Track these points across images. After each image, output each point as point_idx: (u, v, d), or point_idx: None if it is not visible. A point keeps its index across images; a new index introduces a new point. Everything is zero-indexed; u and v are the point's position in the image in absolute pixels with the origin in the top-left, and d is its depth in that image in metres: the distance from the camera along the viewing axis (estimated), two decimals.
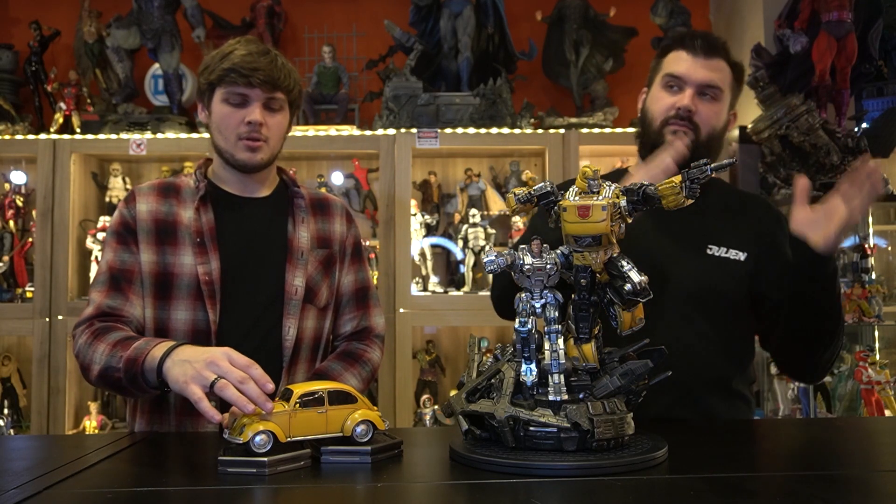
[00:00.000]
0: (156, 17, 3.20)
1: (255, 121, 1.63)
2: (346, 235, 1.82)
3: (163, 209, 1.67)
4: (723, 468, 1.09)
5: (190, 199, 1.69)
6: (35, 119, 3.43)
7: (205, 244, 1.64)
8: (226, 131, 1.66)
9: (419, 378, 3.26)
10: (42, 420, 3.01)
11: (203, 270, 1.62)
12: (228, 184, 1.73)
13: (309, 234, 1.73)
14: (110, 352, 1.47)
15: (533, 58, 3.46)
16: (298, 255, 1.70)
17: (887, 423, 2.03)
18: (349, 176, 3.40)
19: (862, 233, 3.15)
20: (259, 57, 1.63)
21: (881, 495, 0.99)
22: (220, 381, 1.22)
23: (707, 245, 1.61)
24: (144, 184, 1.74)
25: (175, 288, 1.62)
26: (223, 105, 1.65)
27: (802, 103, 2.91)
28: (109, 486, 1.05)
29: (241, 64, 1.61)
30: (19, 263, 3.20)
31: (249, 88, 1.62)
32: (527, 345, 1.11)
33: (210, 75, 1.65)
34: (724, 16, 3.63)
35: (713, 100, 1.62)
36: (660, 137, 1.62)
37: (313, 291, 1.71)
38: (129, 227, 1.66)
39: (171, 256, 1.64)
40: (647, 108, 1.69)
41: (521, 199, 1.19)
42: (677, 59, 1.63)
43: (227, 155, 1.68)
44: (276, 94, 1.65)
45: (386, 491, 1.00)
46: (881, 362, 2.80)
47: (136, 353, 1.42)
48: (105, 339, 1.51)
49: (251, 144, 1.64)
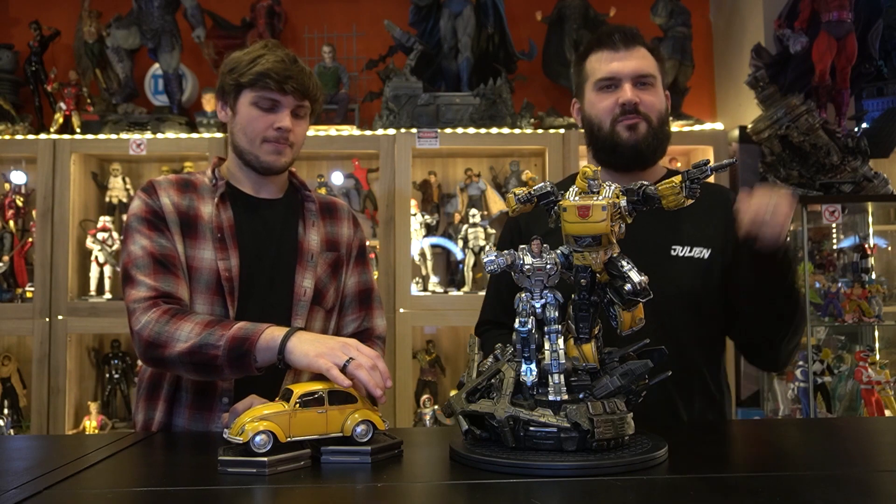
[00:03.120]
0: (156, 17, 3.20)
1: (286, 127, 1.66)
2: (353, 238, 1.85)
3: (184, 203, 1.68)
4: (723, 468, 1.09)
5: (208, 195, 1.70)
6: (35, 119, 3.44)
7: (225, 240, 1.66)
8: (251, 133, 1.67)
9: (419, 378, 3.26)
10: (42, 420, 3.01)
11: (223, 266, 1.64)
12: (243, 184, 1.75)
13: (319, 238, 1.76)
14: (203, 331, 1.47)
15: (533, 58, 3.46)
16: (308, 257, 1.73)
17: (887, 423, 2.03)
18: (349, 176, 3.40)
19: (862, 233, 3.16)
20: (291, 65, 1.66)
21: (881, 495, 0.99)
22: (354, 362, 1.28)
23: (671, 246, 1.61)
24: (160, 177, 1.73)
25: (195, 281, 1.63)
26: (252, 108, 1.66)
27: (802, 103, 2.91)
28: (109, 486, 1.05)
29: (274, 70, 1.63)
30: (19, 263, 3.20)
31: (282, 95, 1.65)
32: (527, 345, 1.11)
33: (241, 77, 1.66)
34: (724, 16, 3.63)
35: (650, 86, 1.64)
36: (614, 135, 1.62)
37: (321, 293, 1.74)
38: (158, 214, 1.65)
39: (191, 250, 1.64)
40: (588, 115, 1.68)
41: (521, 199, 1.19)
42: (601, 61, 1.64)
43: (251, 157, 1.70)
44: (304, 102, 1.69)
45: (386, 491, 1.00)
46: (881, 362, 2.80)
47: (244, 332, 1.44)
48: (190, 319, 1.51)
49: (278, 147, 1.67)
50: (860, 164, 2.94)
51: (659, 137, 1.61)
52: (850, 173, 2.93)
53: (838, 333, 3.04)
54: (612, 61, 1.62)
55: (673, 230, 1.62)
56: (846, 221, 3.15)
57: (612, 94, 1.62)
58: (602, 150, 1.66)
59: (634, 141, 1.61)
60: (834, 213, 2.83)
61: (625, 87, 1.61)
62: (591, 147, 1.70)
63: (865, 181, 2.93)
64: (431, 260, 3.23)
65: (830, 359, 2.88)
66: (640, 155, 1.61)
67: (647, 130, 1.61)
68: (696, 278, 1.58)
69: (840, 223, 3.04)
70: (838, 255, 3.07)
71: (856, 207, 3.06)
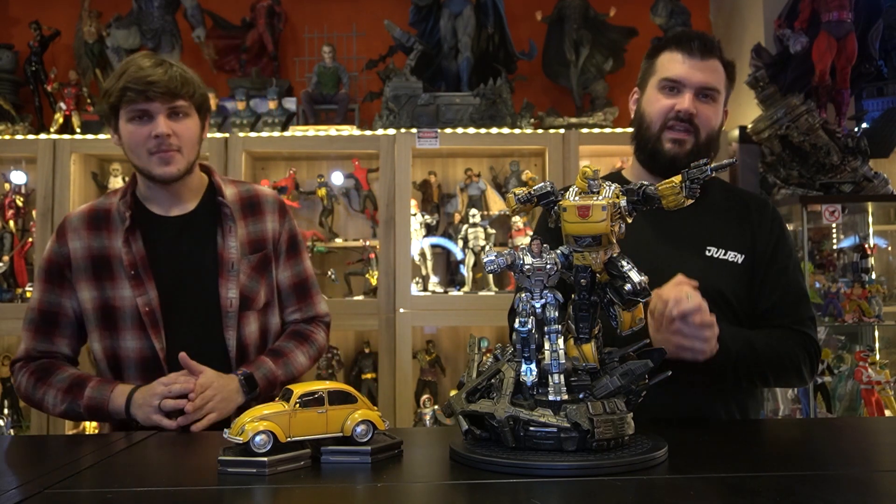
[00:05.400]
0: (156, 17, 3.20)
1: (161, 132, 1.62)
2: (280, 232, 1.82)
3: (95, 244, 1.69)
4: (723, 468, 1.09)
5: (120, 227, 1.69)
6: (35, 119, 3.44)
7: (140, 275, 1.66)
8: (137, 149, 1.66)
9: (419, 378, 3.26)
10: (42, 420, 3.01)
11: (142, 302, 1.65)
12: (154, 202, 1.74)
13: (238, 243, 1.74)
14: (64, 398, 1.64)
15: (533, 58, 3.46)
16: (229, 267, 1.71)
17: (887, 423, 2.03)
18: (349, 176, 3.40)
19: (862, 233, 3.16)
20: (153, 69, 1.62)
21: (881, 495, 0.99)
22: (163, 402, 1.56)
23: (706, 246, 1.61)
24: (75, 212, 1.75)
25: (120, 319, 1.67)
26: (128, 124, 1.65)
27: (802, 103, 2.91)
28: (109, 486, 1.05)
29: (135, 80, 1.61)
30: (19, 263, 3.20)
31: (148, 102, 1.62)
32: (527, 345, 1.11)
33: (110, 98, 1.64)
34: (724, 16, 3.63)
35: (711, 101, 1.62)
36: (659, 141, 1.62)
37: (249, 298, 1.74)
38: (59, 266, 1.70)
39: (110, 290, 1.68)
40: (643, 110, 1.68)
41: (521, 199, 1.19)
42: (673, 61, 1.62)
43: (146, 172, 1.68)
44: (176, 102, 1.64)
45: (386, 491, 1.00)
46: (881, 362, 2.80)
47: (95, 402, 1.62)
48: (50, 382, 1.66)
49: (164, 156, 1.65)
50: (860, 164, 2.94)
51: (702, 154, 1.56)
52: (850, 173, 2.93)
53: (838, 333, 3.03)
54: (682, 65, 1.60)
55: (710, 231, 1.62)
56: (846, 221, 3.15)
57: (673, 97, 1.61)
58: (642, 150, 1.67)
59: (675, 154, 1.60)
60: (834, 213, 2.83)
61: (686, 95, 1.59)
62: (633, 141, 1.70)
63: (865, 181, 2.93)
64: (431, 260, 3.23)
65: (830, 359, 2.88)
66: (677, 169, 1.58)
67: (692, 147, 1.60)
68: (728, 281, 1.59)
69: (840, 223, 3.04)
70: (838, 255, 3.06)
71: (856, 207, 3.06)
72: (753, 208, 1.69)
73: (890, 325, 2.96)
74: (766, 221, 1.66)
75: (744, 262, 1.60)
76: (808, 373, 1.59)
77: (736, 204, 1.71)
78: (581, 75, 3.46)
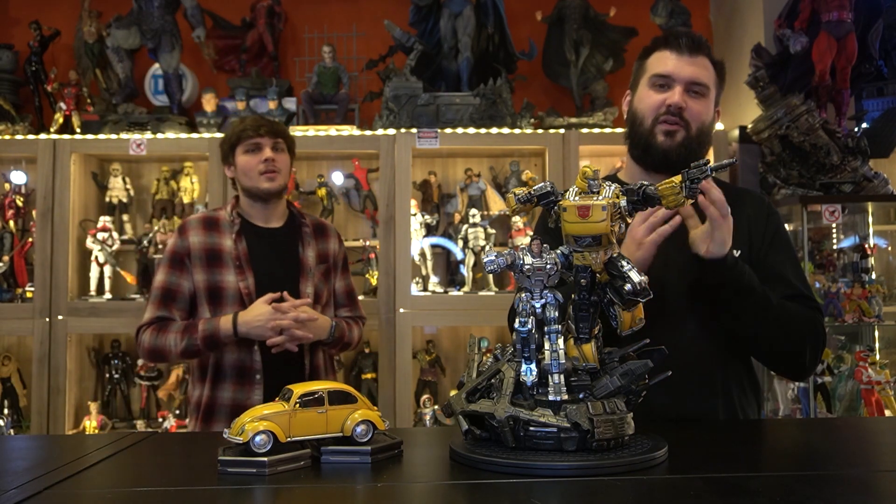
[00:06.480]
0: (156, 17, 3.20)
1: (270, 157, 2.24)
2: (338, 252, 2.40)
3: (209, 241, 2.24)
4: (723, 468, 1.09)
5: (227, 231, 2.26)
6: (35, 119, 3.44)
7: (242, 266, 2.22)
8: (250, 172, 2.25)
9: (419, 378, 3.27)
10: (42, 420, 3.01)
11: (243, 286, 2.20)
12: (254, 218, 2.30)
13: (314, 253, 2.30)
14: (182, 337, 2.12)
15: (533, 58, 3.46)
16: (308, 270, 2.27)
17: (887, 423, 2.03)
18: (349, 176, 3.40)
19: (862, 233, 3.16)
20: (263, 119, 2.31)
21: (881, 495, 0.99)
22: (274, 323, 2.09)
23: None
24: (192, 217, 2.31)
25: (224, 297, 2.20)
26: (244, 155, 2.26)
27: (802, 103, 2.91)
28: (109, 486, 1.05)
29: (249, 125, 2.27)
30: (19, 263, 3.20)
31: (260, 138, 2.25)
32: (527, 345, 1.11)
33: (231, 139, 2.28)
34: (724, 16, 3.63)
35: (701, 96, 1.64)
36: (652, 135, 1.63)
37: (319, 295, 2.29)
38: (181, 255, 2.22)
39: (218, 276, 2.21)
40: (634, 108, 1.70)
41: (521, 199, 1.19)
42: (663, 59, 1.65)
43: (254, 189, 2.25)
44: (278, 139, 2.28)
45: (386, 491, 1.00)
46: (881, 362, 2.80)
47: (208, 332, 2.10)
48: (168, 329, 2.15)
49: (270, 175, 2.24)
50: (860, 164, 2.94)
51: (693, 148, 1.61)
52: (850, 173, 2.93)
53: (838, 333, 3.03)
54: (671, 62, 1.63)
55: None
56: (846, 221, 3.15)
57: (662, 93, 1.63)
58: (636, 147, 1.68)
59: (668, 146, 1.62)
60: (834, 213, 2.83)
61: (675, 90, 1.62)
62: (627, 140, 1.72)
63: (865, 181, 2.93)
64: (431, 260, 3.24)
65: (830, 359, 2.88)
66: (670, 161, 1.61)
67: (684, 139, 1.62)
68: None
69: (840, 223, 3.04)
70: (838, 255, 3.06)
71: (856, 207, 3.06)
72: (749, 203, 1.69)
73: (890, 325, 2.96)
74: (761, 216, 1.67)
75: (741, 257, 1.60)
76: (811, 356, 1.59)
77: (732, 200, 1.71)
78: (581, 75, 3.46)
